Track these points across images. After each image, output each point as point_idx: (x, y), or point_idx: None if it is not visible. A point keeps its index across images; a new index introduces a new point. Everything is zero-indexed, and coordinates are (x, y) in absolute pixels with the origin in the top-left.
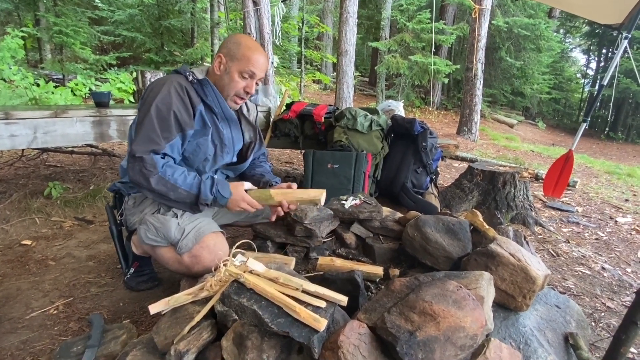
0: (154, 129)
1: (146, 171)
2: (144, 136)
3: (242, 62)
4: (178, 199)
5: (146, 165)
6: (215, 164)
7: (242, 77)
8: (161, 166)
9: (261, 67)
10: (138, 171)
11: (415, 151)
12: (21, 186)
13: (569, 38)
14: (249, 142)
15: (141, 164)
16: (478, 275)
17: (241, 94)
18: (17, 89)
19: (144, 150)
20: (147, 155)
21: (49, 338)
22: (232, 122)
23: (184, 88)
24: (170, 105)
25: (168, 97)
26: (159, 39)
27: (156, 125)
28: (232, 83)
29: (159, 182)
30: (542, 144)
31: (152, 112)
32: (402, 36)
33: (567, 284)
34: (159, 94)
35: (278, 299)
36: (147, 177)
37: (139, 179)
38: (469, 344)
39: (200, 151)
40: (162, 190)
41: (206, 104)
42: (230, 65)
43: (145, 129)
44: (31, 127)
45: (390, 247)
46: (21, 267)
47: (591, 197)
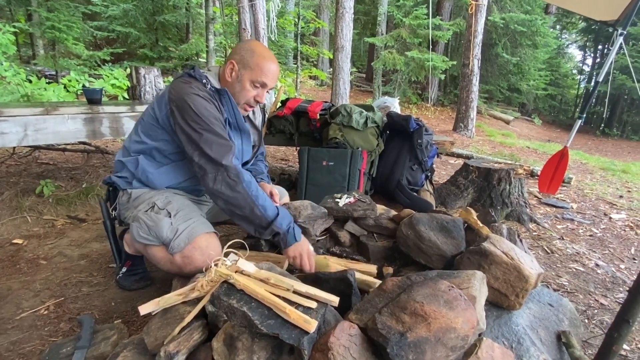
0: (220, 135)
1: (231, 181)
2: (216, 144)
3: (255, 72)
4: (250, 216)
5: (230, 174)
6: None
7: (254, 86)
8: (245, 176)
9: (273, 77)
10: (221, 181)
11: (410, 148)
12: (12, 184)
13: (565, 34)
14: (253, 145)
15: (225, 173)
16: (470, 275)
17: (251, 102)
18: (9, 85)
19: (225, 156)
20: (229, 161)
21: (39, 339)
22: (244, 134)
23: (212, 96)
24: (212, 112)
25: (208, 105)
26: (154, 34)
27: (220, 132)
28: (244, 92)
29: (241, 193)
30: (538, 140)
31: (206, 121)
32: (398, 32)
33: (561, 281)
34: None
35: (268, 300)
36: (232, 187)
37: (221, 188)
38: (460, 345)
39: None
40: (239, 202)
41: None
42: (243, 74)
43: (212, 136)
44: (21, 124)
45: (384, 245)
46: (12, 266)
47: (586, 193)
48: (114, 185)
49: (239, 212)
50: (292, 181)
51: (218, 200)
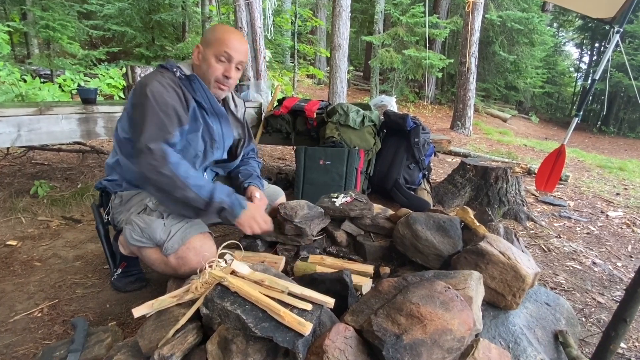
0: (160, 119)
1: (155, 162)
2: (151, 127)
3: (217, 45)
4: (185, 199)
5: (155, 156)
6: (205, 160)
7: (219, 60)
8: (172, 157)
9: (237, 49)
10: (147, 164)
11: (407, 147)
12: (6, 185)
13: (562, 32)
14: (237, 139)
15: (150, 155)
16: (467, 275)
17: (220, 79)
18: (3, 85)
19: (154, 140)
20: (157, 145)
21: (33, 342)
22: (221, 117)
23: (177, 85)
24: (168, 100)
25: (165, 92)
26: (150, 33)
27: (162, 116)
28: (210, 69)
29: (168, 176)
30: (535, 138)
31: (153, 104)
32: (395, 30)
33: (558, 279)
34: (155, 88)
35: (262, 302)
36: (155, 169)
37: (147, 172)
38: (457, 347)
39: (190, 147)
40: (169, 186)
41: (196, 100)
42: (207, 52)
43: (151, 118)
44: (15, 124)
45: (381, 244)
46: (5, 268)
47: (583, 191)
48: (106, 190)
49: (172, 198)
50: (289, 180)
51: (148, 186)
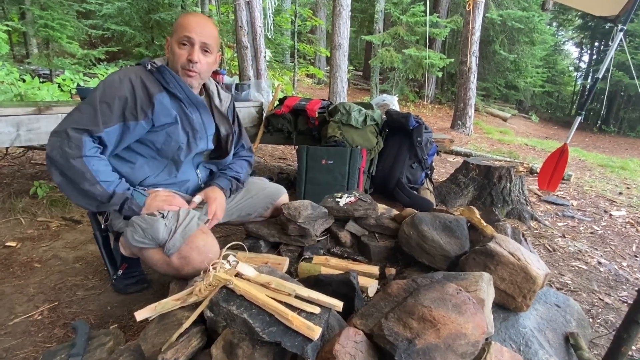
0: (95, 110)
1: (68, 150)
2: (80, 114)
3: (178, 31)
4: (89, 193)
5: (71, 143)
6: (190, 151)
7: (181, 45)
8: (88, 149)
9: (197, 30)
10: (57, 147)
11: (410, 146)
12: (5, 185)
13: (561, 31)
14: (225, 134)
15: (65, 140)
16: (478, 277)
17: (185, 64)
18: (2, 84)
19: (74, 127)
20: (77, 133)
21: (33, 345)
22: (200, 106)
23: (138, 77)
24: (115, 92)
25: (116, 83)
26: (149, 32)
27: (98, 107)
28: (174, 56)
29: (79, 167)
30: (536, 138)
31: (96, 94)
32: (395, 29)
33: (564, 280)
34: (108, 79)
35: (269, 306)
36: (67, 156)
37: (55, 155)
38: (471, 351)
39: (172, 140)
40: (76, 177)
41: (170, 92)
42: (172, 41)
43: (85, 107)
44: (13, 124)
45: (386, 245)
46: (5, 270)
47: (585, 190)
48: None
49: (77, 189)
50: (290, 180)
51: (52, 169)
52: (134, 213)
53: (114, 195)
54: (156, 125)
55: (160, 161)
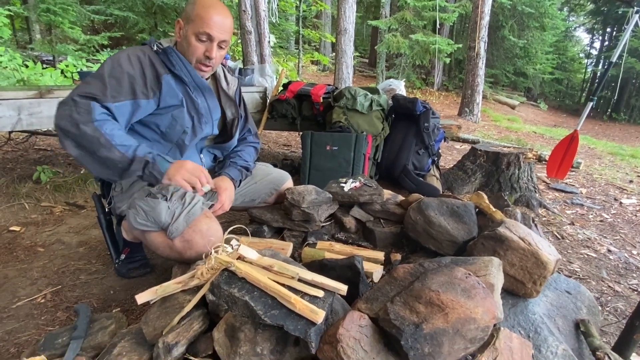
0: (103, 83)
1: (77, 116)
2: (87, 85)
3: (197, 23)
4: (108, 160)
5: (79, 109)
6: (195, 136)
7: (199, 40)
8: (98, 114)
9: (219, 28)
10: (67, 115)
11: (417, 132)
12: (9, 170)
13: (573, 16)
14: (231, 118)
15: (73, 107)
16: (487, 261)
17: (202, 59)
18: (5, 70)
19: (81, 95)
20: (84, 99)
21: (35, 328)
22: (205, 91)
23: (146, 55)
24: (124, 67)
25: (125, 60)
26: (152, 18)
27: (106, 81)
28: (190, 48)
29: (92, 132)
30: (544, 125)
31: (105, 69)
32: (402, 14)
33: (572, 267)
34: (116, 56)
35: (272, 288)
36: (77, 123)
37: (65, 124)
38: (480, 337)
39: (177, 124)
40: (92, 143)
41: (175, 74)
42: (187, 29)
43: (92, 81)
44: (15, 108)
45: (391, 231)
46: (9, 254)
47: (595, 178)
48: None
49: (95, 157)
50: (294, 166)
51: (66, 141)
52: (155, 180)
53: (134, 160)
54: (161, 107)
55: (165, 145)
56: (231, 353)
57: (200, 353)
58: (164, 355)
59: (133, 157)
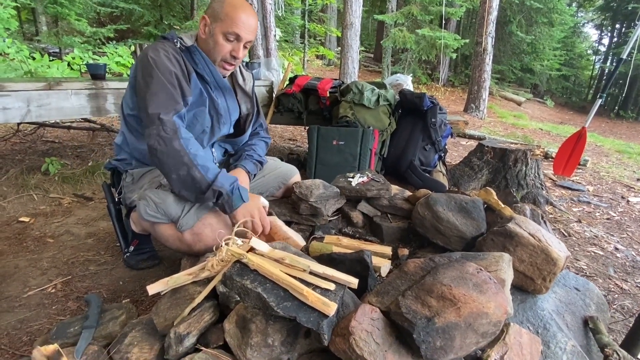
0: (167, 88)
1: (165, 135)
2: (159, 96)
3: (226, 23)
4: (187, 178)
5: (166, 128)
6: (213, 136)
7: (227, 39)
8: (183, 132)
9: (248, 29)
10: (155, 134)
11: (423, 127)
12: (18, 162)
13: (581, 12)
14: (246, 113)
15: (160, 126)
16: (498, 257)
17: (228, 58)
18: (12, 62)
19: (165, 110)
20: (168, 116)
21: (47, 317)
22: (226, 91)
23: (178, 53)
24: (172, 68)
25: (169, 61)
26: (158, 11)
27: (168, 85)
28: (217, 47)
29: (177, 150)
30: (551, 122)
31: (158, 73)
32: (409, 9)
33: (579, 265)
34: (158, 57)
35: (284, 281)
36: (165, 141)
37: (154, 143)
38: (492, 331)
39: (197, 123)
40: (175, 161)
41: (197, 72)
42: (214, 27)
43: (157, 88)
44: (24, 99)
45: (399, 226)
46: (19, 244)
47: (602, 176)
48: (117, 169)
49: (175, 174)
50: (300, 161)
51: (154, 158)
52: (224, 211)
53: (212, 186)
54: (189, 104)
55: None
56: (242, 344)
57: (211, 344)
58: (176, 345)
59: (211, 183)
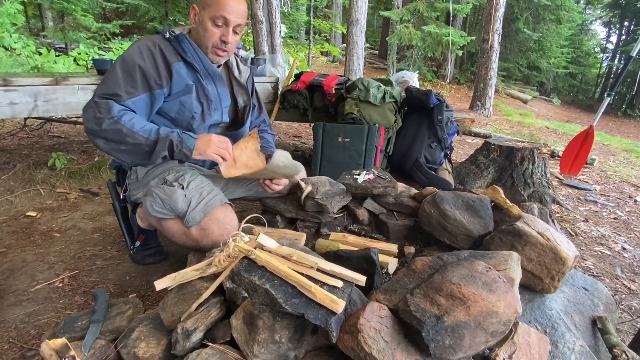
0: (117, 81)
1: (99, 115)
2: (105, 86)
3: (212, 8)
4: (134, 146)
5: (100, 109)
6: (203, 121)
7: (216, 24)
8: (117, 111)
9: (234, 11)
10: (91, 117)
11: (430, 125)
12: (25, 157)
13: (589, 9)
14: (243, 105)
15: (95, 108)
16: (507, 256)
17: (218, 44)
18: (19, 57)
19: (100, 96)
20: (103, 100)
21: (54, 311)
22: (216, 78)
23: (157, 46)
24: (136, 61)
25: (136, 53)
26: (163, 7)
27: (120, 78)
28: (207, 33)
29: (113, 126)
30: (557, 121)
31: (117, 67)
32: (415, 5)
33: (586, 264)
34: (127, 51)
35: (292, 277)
36: (100, 121)
37: (91, 125)
38: (502, 330)
39: (185, 109)
40: (116, 136)
41: (186, 61)
42: (203, 14)
43: (108, 80)
44: (31, 94)
45: (405, 224)
46: (26, 238)
47: (609, 175)
48: (121, 167)
49: (123, 147)
50: (305, 158)
51: (97, 140)
52: (186, 157)
53: (158, 140)
54: (172, 94)
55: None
56: (249, 340)
57: (218, 339)
58: (183, 340)
59: (156, 139)
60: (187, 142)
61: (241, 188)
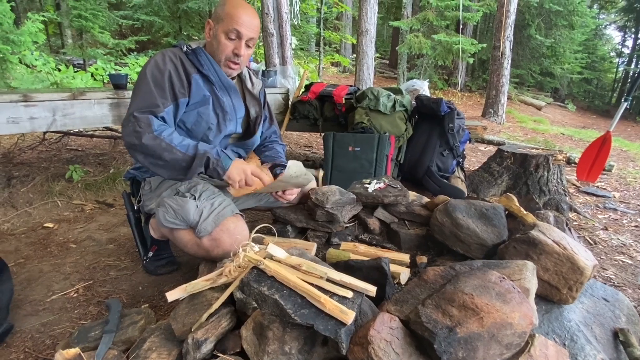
0: (152, 93)
1: (139, 129)
2: (141, 99)
3: (226, 22)
4: (172, 161)
5: (140, 123)
6: (219, 132)
7: (229, 38)
8: (157, 126)
9: (247, 25)
10: (131, 131)
11: (441, 133)
12: (43, 169)
13: (603, 14)
14: (255, 116)
15: (135, 122)
16: (521, 265)
17: (231, 57)
18: (39, 74)
19: (140, 110)
20: (143, 115)
21: (69, 321)
22: (231, 90)
23: (177, 57)
24: (164, 72)
25: (162, 64)
26: (177, 22)
27: (153, 90)
28: (220, 46)
29: (153, 140)
30: (573, 127)
31: (148, 78)
32: (424, 14)
33: (607, 274)
34: (152, 62)
35: (301, 288)
36: (140, 135)
37: (131, 139)
38: (517, 342)
39: (202, 120)
40: (155, 150)
41: (202, 73)
42: (217, 28)
43: (142, 92)
44: (50, 109)
45: (417, 233)
46: (43, 249)
47: (629, 182)
48: (135, 178)
49: (161, 162)
50: (316, 168)
51: (136, 154)
52: (217, 175)
53: (196, 156)
54: (190, 104)
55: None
56: (259, 351)
57: (228, 350)
58: (194, 351)
59: (194, 154)
60: (224, 161)
61: (253, 198)
